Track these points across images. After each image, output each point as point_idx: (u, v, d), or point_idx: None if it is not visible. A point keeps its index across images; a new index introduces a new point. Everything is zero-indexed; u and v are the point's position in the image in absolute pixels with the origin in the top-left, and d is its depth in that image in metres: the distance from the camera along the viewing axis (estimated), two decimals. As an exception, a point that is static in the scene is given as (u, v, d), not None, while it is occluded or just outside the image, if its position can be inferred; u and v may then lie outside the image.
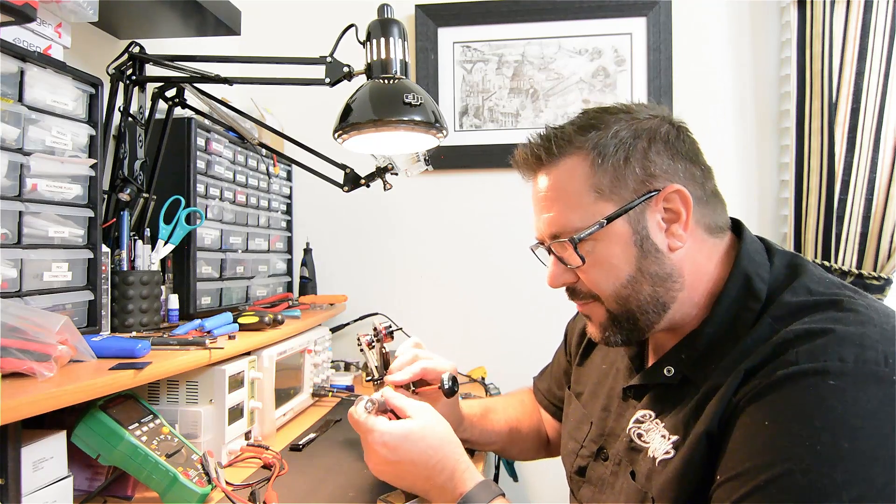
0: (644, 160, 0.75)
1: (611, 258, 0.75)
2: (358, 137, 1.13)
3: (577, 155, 0.76)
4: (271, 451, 1.12)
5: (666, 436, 0.73)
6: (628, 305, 0.76)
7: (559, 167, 0.78)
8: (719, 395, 0.68)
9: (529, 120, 1.99)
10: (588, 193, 0.75)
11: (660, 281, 0.75)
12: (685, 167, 0.76)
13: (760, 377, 0.65)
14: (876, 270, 1.68)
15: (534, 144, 0.81)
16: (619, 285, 0.75)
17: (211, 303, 1.44)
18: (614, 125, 0.76)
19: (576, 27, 1.95)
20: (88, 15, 1.03)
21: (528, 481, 1.95)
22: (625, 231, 0.74)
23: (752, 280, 0.74)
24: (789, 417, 0.61)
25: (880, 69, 1.66)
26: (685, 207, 0.74)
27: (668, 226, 0.75)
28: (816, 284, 0.73)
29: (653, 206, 0.74)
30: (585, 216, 0.75)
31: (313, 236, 2.01)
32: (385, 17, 1.13)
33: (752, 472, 0.61)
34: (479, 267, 2.00)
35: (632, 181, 0.74)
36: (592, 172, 0.75)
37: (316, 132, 1.54)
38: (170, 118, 1.31)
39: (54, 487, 0.82)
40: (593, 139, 0.76)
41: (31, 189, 0.90)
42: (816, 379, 0.61)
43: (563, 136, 0.78)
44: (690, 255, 0.76)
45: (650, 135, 0.76)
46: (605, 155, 0.75)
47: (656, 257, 0.74)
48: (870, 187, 1.68)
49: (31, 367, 0.75)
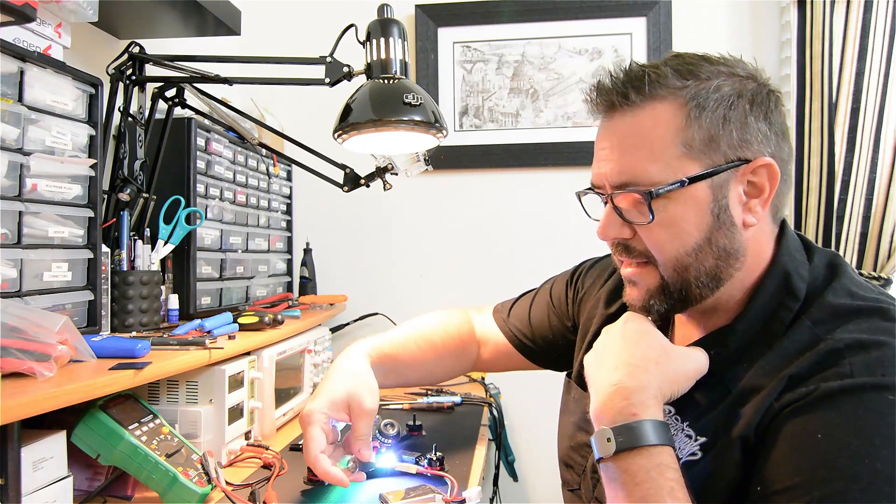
0: (743, 123, 0.68)
1: (682, 221, 0.68)
2: (358, 137, 1.13)
3: (672, 102, 0.68)
4: (271, 451, 1.12)
5: (692, 436, 0.70)
6: (686, 275, 0.70)
7: (647, 110, 0.69)
8: (758, 400, 0.65)
9: (529, 120, 1.99)
10: (675, 146, 0.67)
11: (725, 255, 0.69)
12: (777, 141, 0.70)
13: (808, 385, 0.62)
14: (876, 270, 1.68)
15: (621, 79, 0.71)
16: (684, 252, 0.69)
17: (211, 303, 1.44)
18: (716, 78, 0.68)
19: (576, 27, 1.96)
20: (88, 15, 1.03)
21: (529, 481, 1.95)
22: (704, 196, 0.68)
23: (791, 278, 0.70)
24: (847, 432, 0.58)
25: (880, 69, 1.66)
26: (770, 184, 0.69)
27: (748, 200, 0.69)
28: (857, 287, 0.69)
29: (739, 176, 0.68)
30: (666, 171, 0.68)
31: (313, 236, 2.01)
32: (385, 17, 1.13)
33: (804, 487, 0.58)
34: (479, 267, 2.00)
35: (725, 144, 0.67)
36: (686, 125, 0.67)
37: (316, 132, 1.53)
38: (170, 118, 1.31)
39: (54, 487, 0.81)
40: (693, 88, 0.68)
41: (31, 189, 0.90)
42: (876, 394, 0.59)
43: (658, 77, 0.69)
44: (757, 236, 0.71)
45: (752, 97, 0.69)
46: (705, 108, 0.67)
47: (730, 230, 0.69)
48: (870, 187, 1.68)
49: (31, 367, 0.75)
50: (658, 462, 0.62)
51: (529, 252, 1.98)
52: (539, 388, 1.64)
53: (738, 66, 0.71)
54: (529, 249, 1.98)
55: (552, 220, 1.97)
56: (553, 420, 1.00)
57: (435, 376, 1.15)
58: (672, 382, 0.69)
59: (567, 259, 1.18)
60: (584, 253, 1.14)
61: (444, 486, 0.95)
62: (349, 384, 0.94)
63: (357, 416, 0.92)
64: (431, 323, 1.14)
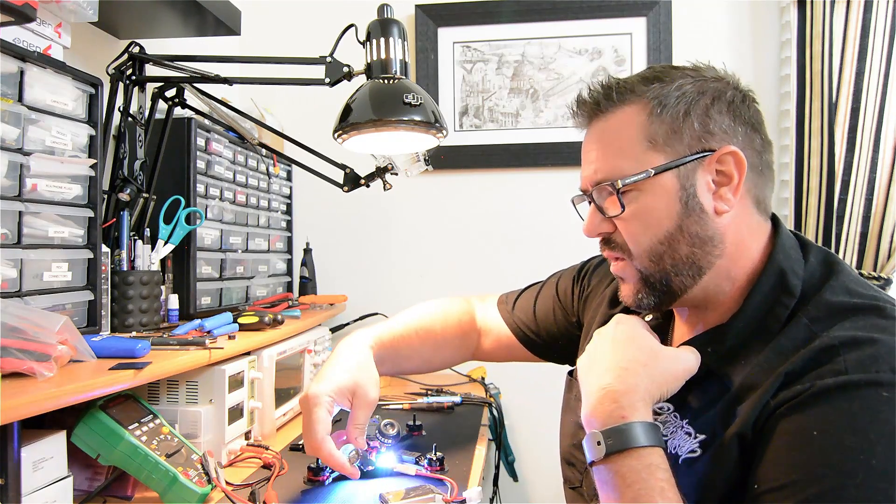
0: (704, 117, 0.73)
1: (653, 211, 0.73)
2: (358, 137, 1.13)
3: (636, 104, 0.74)
4: (271, 451, 1.12)
5: (691, 433, 0.71)
6: (662, 264, 0.73)
7: (616, 115, 0.76)
8: (755, 398, 0.65)
9: (529, 120, 1.99)
10: (641, 142, 0.73)
11: (699, 242, 0.72)
12: (745, 132, 0.74)
13: (804, 383, 0.62)
14: (876, 270, 1.68)
15: (594, 91, 0.78)
16: (657, 241, 0.73)
17: (211, 303, 1.44)
18: (679, 79, 0.75)
19: (576, 27, 1.95)
20: (88, 15, 1.03)
21: (529, 481, 1.95)
22: (671, 185, 0.72)
23: (786, 275, 0.72)
24: (841, 429, 0.59)
25: (880, 69, 1.66)
26: (738, 171, 0.72)
27: (718, 188, 0.73)
28: (855, 285, 0.70)
29: (705, 166, 0.72)
30: (634, 165, 0.73)
31: (313, 236, 2.01)
32: (385, 17, 1.13)
33: (800, 484, 0.59)
34: (479, 267, 2.00)
35: (688, 136, 0.72)
36: (649, 122, 0.73)
37: (316, 132, 1.53)
38: (170, 118, 1.31)
39: (54, 487, 0.82)
40: (655, 90, 0.74)
41: (31, 189, 0.90)
42: (870, 390, 0.59)
43: (625, 85, 0.76)
44: (735, 223, 0.74)
45: (714, 94, 0.74)
46: (665, 105, 0.73)
47: (700, 217, 0.72)
48: (870, 187, 1.68)
49: (31, 367, 0.75)
50: (648, 463, 0.63)
51: (529, 252, 1.98)
52: (539, 388, 1.65)
53: (708, 71, 0.77)
54: (529, 249, 1.98)
55: (552, 220, 1.97)
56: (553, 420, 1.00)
57: (432, 366, 1.17)
58: (661, 384, 0.70)
59: (567, 259, 1.18)
60: (583, 253, 1.14)
61: (444, 487, 0.95)
62: (355, 373, 0.96)
63: (359, 405, 0.94)
64: (432, 312, 1.15)
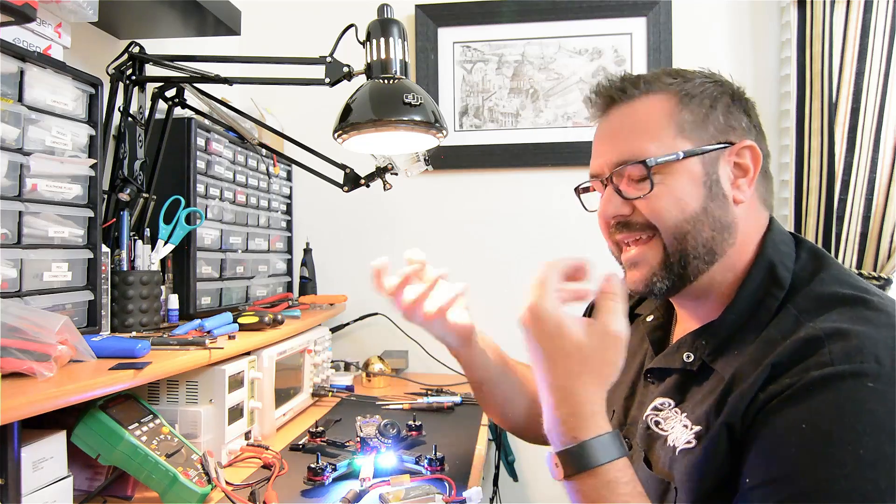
0: (727, 112, 0.77)
1: (679, 191, 0.74)
2: (358, 137, 1.13)
3: (664, 92, 0.78)
4: (271, 451, 1.12)
5: (688, 426, 0.72)
6: (684, 244, 0.75)
7: (643, 101, 0.78)
8: (743, 388, 0.67)
9: (529, 120, 1.99)
10: (670, 127, 0.76)
11: (719, 228, 0.75)
12: (756, 135, 0.79)
13: (791, 376, 0.64)
14: (876, 270, 1.68)
15: (618, 79, 0.81)
16: (683, 219, 0.74)
17: (211, 303, 1.44)
18: (699, 78, 0.79)
19: (576, 27, 1.95)
20: (88, 15, 1.03)
21: (529, 481, 1.95)
22: (698, 170, 0.75)
23: (776, 267, 0.74)
24: (829, 421, 0.60)
25: (880, 69, 1.66)
26: (754, 165, 0.76)
27: (736, 179, 0.76)
28: (846, 277, 0.72)
29: (726, 157, 0.76)
30: (662, 147, 0.75)
31: (313, 236, 2.01)
32: (385, 17, 1.14)
33: (791, 477, 0.60)
34: (479, 267, 2.00)
35: (713, 127, 0.76)
36: (678, 109, 0.76)
37: (316, 132, 1.53)
38: (170, 118, 1.31)
39: (54, 487, 0.82)
40: (681, 83, 0.78)
41: (31, 189, 0.90)
42: (855, 381, 0.60)
43: (652, 76, 0.80)
44: (745, 216, 0.77)
45: (732, 94, 0.79)
46: (693, 97, 0.77)
47: (722, 202, 0.75)
48: (870, 187, 1.68)
49: (31, 367, 0.75)
50: (608, 480, 0.63)
51: (529, 252, 1.98)
52: (539, 388, 1.64)
53: (716, 76, 0.82)
54: (529, 249, 1.98)
55: (552, 219, 1.97)
56: (553, 420, 0.99)
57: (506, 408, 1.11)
58: (605, 377, 0.68)
59: (567, 259, 1.18)
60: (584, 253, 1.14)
61: (443, 487, 0.95)
62: None
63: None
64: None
